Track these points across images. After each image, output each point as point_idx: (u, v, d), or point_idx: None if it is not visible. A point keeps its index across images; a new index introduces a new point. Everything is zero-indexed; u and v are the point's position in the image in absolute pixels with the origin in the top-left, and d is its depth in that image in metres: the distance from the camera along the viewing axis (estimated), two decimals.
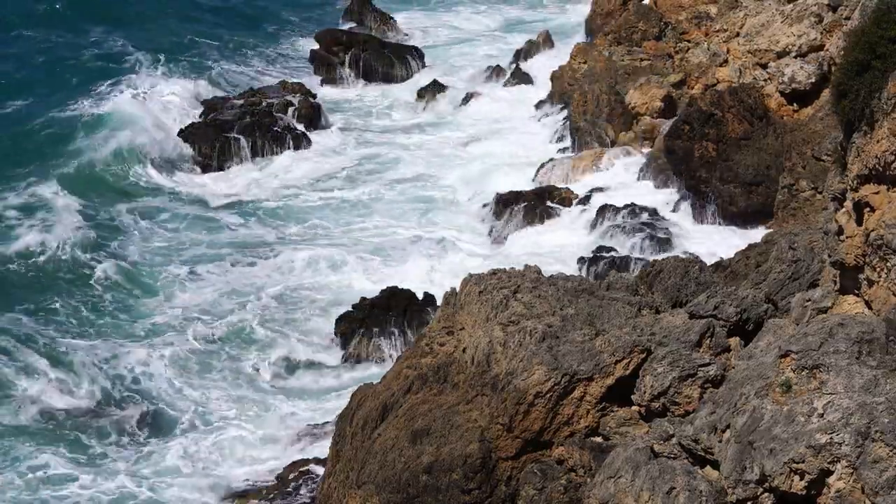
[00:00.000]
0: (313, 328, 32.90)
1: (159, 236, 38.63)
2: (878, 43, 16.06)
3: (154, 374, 30.16)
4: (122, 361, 30.58)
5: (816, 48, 40.26)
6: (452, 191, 42.87)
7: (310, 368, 31.01)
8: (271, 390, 29.90)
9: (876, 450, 13.71)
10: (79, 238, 36.82)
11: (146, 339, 31.93)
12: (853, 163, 16.47)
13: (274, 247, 38.18)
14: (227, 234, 39.31)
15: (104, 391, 29.28)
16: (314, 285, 35.45)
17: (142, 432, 27.94)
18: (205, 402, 29.07)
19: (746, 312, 19.34)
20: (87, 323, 32.62)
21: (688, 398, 18.14)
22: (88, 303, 33.67)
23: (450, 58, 60.34)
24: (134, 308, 33.76)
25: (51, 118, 46.72)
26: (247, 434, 27.71)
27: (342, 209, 41.74)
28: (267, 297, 34.41)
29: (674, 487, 15.19)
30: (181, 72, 54.61)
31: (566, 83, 47.84)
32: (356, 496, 20.17)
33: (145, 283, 35.16)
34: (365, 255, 37.68)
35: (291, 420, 28.48)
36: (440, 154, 46.84)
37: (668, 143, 39.78)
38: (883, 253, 15.89)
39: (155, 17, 63.57)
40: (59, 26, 59.95)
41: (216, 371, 30.55)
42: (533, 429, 18.82)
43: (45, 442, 27.04)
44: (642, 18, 49.29)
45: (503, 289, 21.01)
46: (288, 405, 29.11)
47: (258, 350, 31.70)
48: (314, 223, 40.44)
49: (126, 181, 43.02)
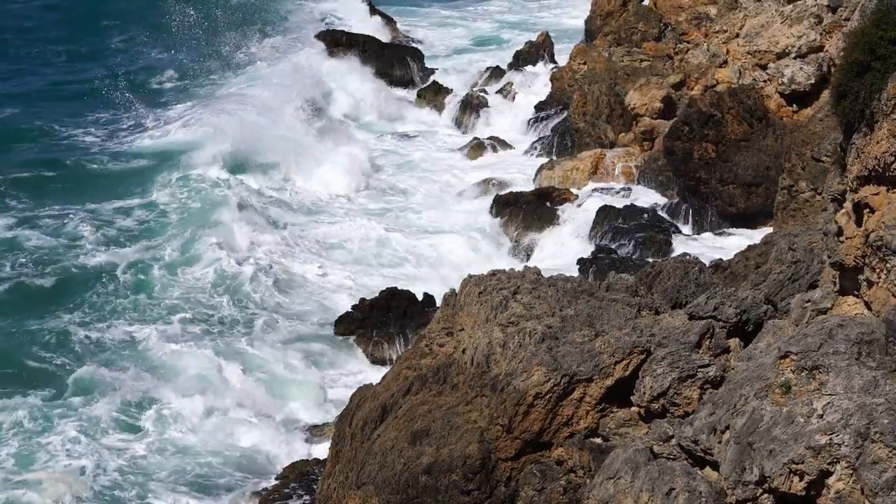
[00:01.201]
0: (316, 324, 32.95)
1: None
2: (877, 44, 16.06)
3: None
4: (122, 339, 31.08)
5: (816, 49, 40.28)
6: (452, 191, 42.89)
7: (310, 367, 31.01)
8: (271, 388, 29.86)
9: (875, 451, 13.71)
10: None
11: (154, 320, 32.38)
12: (853, 164, 16.47)
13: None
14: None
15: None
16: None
17: (142, 431, 27.93)
18: (204, 402, 29.02)
19: (746, 313, 19.33)
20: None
21: (687, 399, 18.13)
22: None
23: (450, 59, 60.39)
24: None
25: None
26: (247, 434, 27.69)
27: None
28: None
29: (673, 488, 15.19)
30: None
31: (566, 84, 47.87)
32: (356, 497, 20.17)
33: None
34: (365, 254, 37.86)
35: (291, 420, 28.47)
36: (440, 154, 46.84)
37: (667, 144, 39.80)
38: (882, 254, 15.89)
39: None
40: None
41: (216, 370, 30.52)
42: (532, 430, 18.83)
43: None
44: (642, 19, 49.36)
45: (503, 290, 21.02)
46: (288, 405, 29.09)
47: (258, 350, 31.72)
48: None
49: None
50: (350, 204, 42.75)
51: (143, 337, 31.47)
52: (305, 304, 34.62)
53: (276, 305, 34.19)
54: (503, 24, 68.21)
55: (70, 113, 51.00)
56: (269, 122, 47.59)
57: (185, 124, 48.16)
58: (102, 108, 51.44)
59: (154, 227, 38.70)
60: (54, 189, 41.84)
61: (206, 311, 33.48)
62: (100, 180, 43.07)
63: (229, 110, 48.77)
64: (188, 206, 40.48)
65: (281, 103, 49.77)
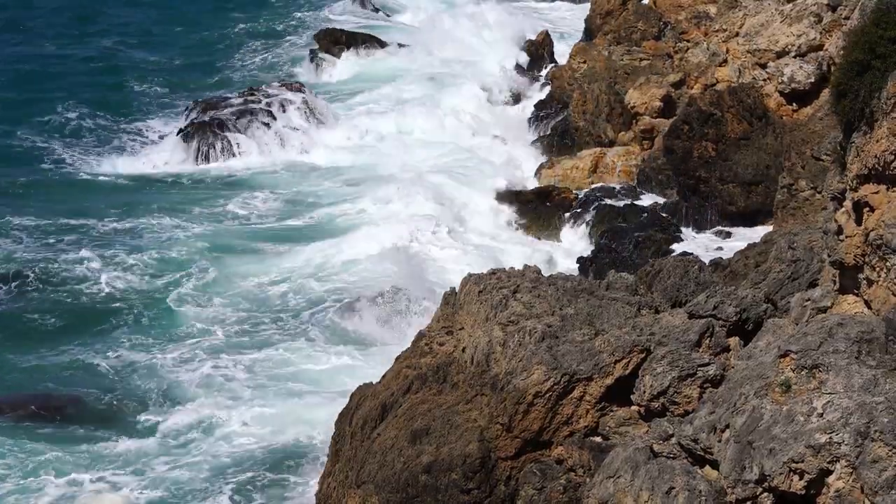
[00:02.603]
0: (316, 322, 32.95)
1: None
2: (877, 43, 16.07)
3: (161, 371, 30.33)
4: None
5: (816, 48, 40.26)
6: (452, 191, 42.87)
7: (309, 367, 31.00)
8: (271, 387, 29.84)
9: (875, 449, 13.71)
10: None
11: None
12: (853, 162, 16.48)
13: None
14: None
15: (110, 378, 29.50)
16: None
17: (141, 430, 27.93)
18: (204, 402, 29.02)
19: (746, 312, 19.33)
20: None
21: (687, 398, 18.14)
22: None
23: (450, 58, 60.38)
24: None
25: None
26: (246, 434, 27.67)
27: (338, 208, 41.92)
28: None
29: (673, 487, 15.20)
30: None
31: (565, 83, 47.86)
32: (355, 496, 20.17)
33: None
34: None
35: (291, 419, 28.45)
36: (439, 155, 46.83)
37: (667, 142, 39.78)
38: (882, 252, 15.89)
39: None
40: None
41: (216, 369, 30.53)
42: (532, 428, 18.82)
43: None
44: (642, 18, 49.32)
45: (503, 289, 21.01)
46: (288, 405, 29.09)
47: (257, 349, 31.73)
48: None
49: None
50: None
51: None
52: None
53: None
54: (503, 24, 68.09)
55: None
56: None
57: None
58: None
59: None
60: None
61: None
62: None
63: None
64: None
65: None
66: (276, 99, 50.12)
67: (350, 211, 41.56)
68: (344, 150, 47.84)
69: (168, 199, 42.67)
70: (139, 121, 51.31)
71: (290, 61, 60.52)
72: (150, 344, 31.82)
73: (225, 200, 42.61)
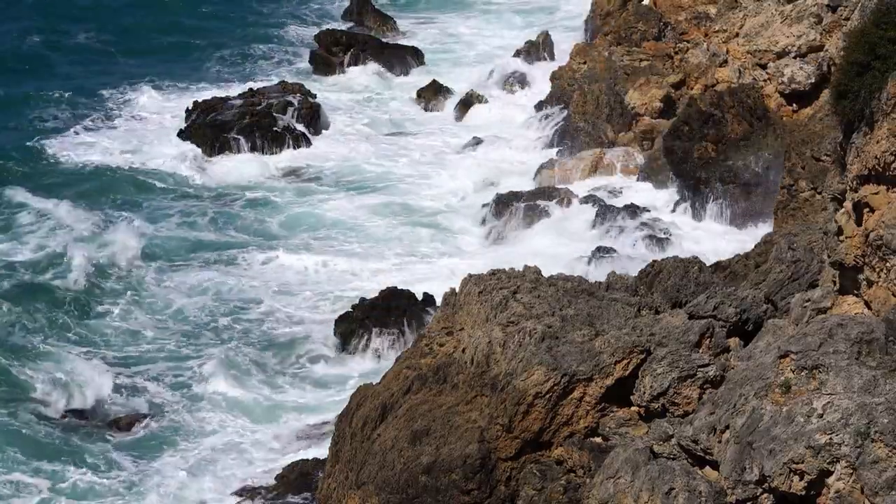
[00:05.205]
0: (312, 328, 32.92)
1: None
2: (877, 43, 16.06)
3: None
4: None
5: (816, 48, 40.28)
6: (451, 191, 42.87)
7: (310, 368, 31.01)
8: (271, 390, 29.87)
9: (875, 450, 13.71)
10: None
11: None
12: (853, 163, 16.48)
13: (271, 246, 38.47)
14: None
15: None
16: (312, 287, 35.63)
17: (142, 431, 27.94)
18: (205, 402, 29.03)
19: (746, 313, 19.34)
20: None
21: (687, 399, 18.14)
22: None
23: (450, 58, 60.34)
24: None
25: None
26: (247, 434, 27.69)
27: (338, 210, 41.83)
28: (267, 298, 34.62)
29: (673, 488, 15.20)
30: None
31: (566, 83, 47.84)
32: (355, 496, 20.17)
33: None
34: (364, 252, 37.84)
35: (291, 420, 28.46)
36: (439, 155, 46.82)
37: (667, 143, 39.77)
38: (882, 253, 15.89)
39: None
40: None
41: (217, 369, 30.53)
42: (532, 429, 18.82)
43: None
44: (642, 19, 49.25)
45: (503, 289, 21.02)
46: (288, 404, 29.10)
47: (258, 350, 31.73)
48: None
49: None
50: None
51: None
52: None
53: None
54: (503, 24, 68.03)
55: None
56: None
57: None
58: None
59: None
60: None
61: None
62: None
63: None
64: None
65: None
66: (277, 100, 50.09)
67: (350, 211, 41.59)
68: (344, 150, 47.79)
69: (168, 200, 42.70)
70: (138, 121, 51.23)
71: (290, 61, 60.48)
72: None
73: (225, 201, 42.60)
